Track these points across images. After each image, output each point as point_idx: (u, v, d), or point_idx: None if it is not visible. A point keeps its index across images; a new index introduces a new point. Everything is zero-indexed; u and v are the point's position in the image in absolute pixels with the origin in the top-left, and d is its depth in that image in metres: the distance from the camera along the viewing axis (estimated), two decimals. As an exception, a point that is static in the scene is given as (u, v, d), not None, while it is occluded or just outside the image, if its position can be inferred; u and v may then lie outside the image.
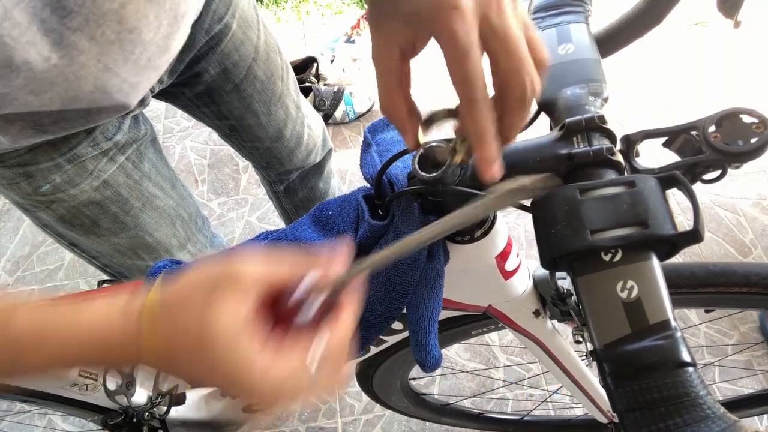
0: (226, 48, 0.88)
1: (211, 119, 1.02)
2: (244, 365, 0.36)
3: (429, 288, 0.51)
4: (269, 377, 0.36)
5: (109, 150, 0.77)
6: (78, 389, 0.90)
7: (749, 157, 0.42)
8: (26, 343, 0.37)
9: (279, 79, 1.00)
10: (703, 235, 0.38)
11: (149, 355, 0.37)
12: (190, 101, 0.96)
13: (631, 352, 0.38)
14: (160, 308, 0.37)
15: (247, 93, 0.96)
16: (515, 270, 0.61)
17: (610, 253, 0.40)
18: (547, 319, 0.73)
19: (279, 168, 1.17)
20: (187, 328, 0.36)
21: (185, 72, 0.87)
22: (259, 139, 1.06)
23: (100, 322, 0.38)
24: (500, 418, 1.34)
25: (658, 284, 0.39)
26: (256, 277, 0.38)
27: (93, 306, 0.38)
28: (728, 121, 0.43)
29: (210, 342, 0.35)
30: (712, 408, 0.34)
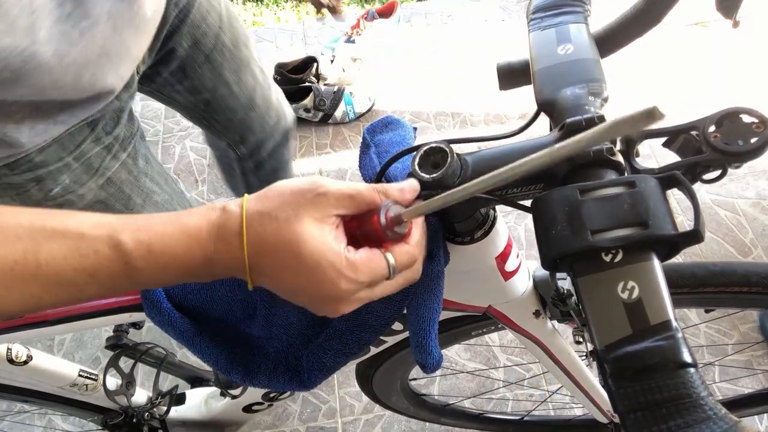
0: (194, 19, 0.91)
1: (185, 97, 1.03)
2: (332, 257, 0.41)
3: (429, 289, 0.51)
4: (355, 268, 0.42)
5: (111, 146, 0.79)
6: (78, 389, 0.90)
7: (749, 156, 0.42)
8: (139, 264, 0.41)
9: (243, 45, 1.03)
10: (704, 235, 0.38)
11: (246, 258, 0.42)
12: (165, 81, 0.97)
13: (632, 352, 0.37)
14: (257, 216, 0.42)
15: (217, 63, 0.98)
16: (515, 270, 0.61)
17: (610, 253, 0.40)
18: (547, 319, 0.73)
19: (252, 139, 1.17)
20: (280, 232, 0.41)
21: (161, 50, 0.90)
22: (233, 109, 1.07)
23: (202, 230, 0.42)
24: (500, 418, 1.34)
25: (659, 284, 0.39)
26: (340, 192, 0.43)
27: (193, 217, 0.43)
28: (728, 120, 0.43)
29: (301, 240, 0.41)
30: (713, 409, 0.34)
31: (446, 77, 2.22)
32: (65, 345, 1.70)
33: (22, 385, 0.86)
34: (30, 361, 0.82)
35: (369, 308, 0.54)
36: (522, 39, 1.65)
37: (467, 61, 2.26)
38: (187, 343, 0.61)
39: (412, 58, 2.27)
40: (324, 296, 0.43)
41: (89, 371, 0.92)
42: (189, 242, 0.42)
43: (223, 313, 0.61)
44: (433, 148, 0.45)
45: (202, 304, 0.61)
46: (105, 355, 1.66)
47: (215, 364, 0.61)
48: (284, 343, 0.61)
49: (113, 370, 0.83)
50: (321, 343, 0.58)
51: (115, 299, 0.66)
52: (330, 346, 0.58)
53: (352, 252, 0.43)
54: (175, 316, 0.60)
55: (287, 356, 0.62)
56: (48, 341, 1.70)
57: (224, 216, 0.43)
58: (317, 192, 0.43)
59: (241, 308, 0.61)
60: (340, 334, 0.56)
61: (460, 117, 2.09)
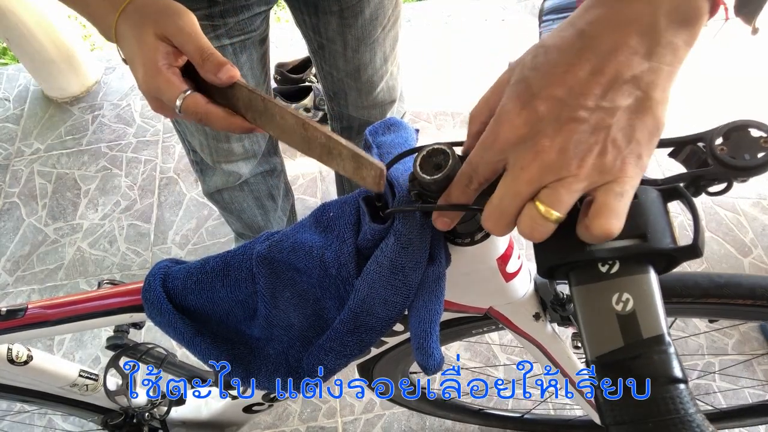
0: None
1: (307, 29, 1.08)
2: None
3: (431, 291, 0.51)
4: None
5: (217, 27, 0.86)
6: (78, 389, 0.90)
7: (755, 172, 0.41)
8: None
9: (380, 26, 1.06)
10: (703, 250, 0.38)
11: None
12: (297, 2, 1.03)
13: (622, 365, 0.37)
14: None
15: (347, 22, 1.01)
16: (516, 272, 0.61)
17: (607, 264, 0.39)
18: (547, 322, 0.73)
19: (342, 104, 1.24)
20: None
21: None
22: (337, 68, 1.13)
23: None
24: (500, 414, 1.35)
25: (653, 298, 0.39)
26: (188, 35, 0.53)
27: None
28: (736, 133, 0.42)
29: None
30: (701, 426, 0.34)
31: (446, 77, 2.22)
32: (65, 345, 1.70)
33: (23, 385, 0.86)
34: (30, 361, 0.82)
35: (370, 311, 0.53)
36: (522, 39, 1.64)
37: (467, 61, 2.26)
38: (188, 344, 0.61)
39: (412, 58, 2.27)
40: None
41: (90, 371, 0.92)
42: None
43: (224, 315, 0.61)
44: (435, 150, 0.45)
45: (202, 306, 0.61)
46: (105, 355, 1.66)
47: (215, 365, 0.61)
48: (285, 344, 0.61)
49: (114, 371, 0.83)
50: (322, 345, 0.58)
51: (116, 300, 0.66)
52: (331, 347, 0.57)
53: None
54: (176, 317, 0.60)
55: (288, 358, 0.61)
56: (48, 341, 1.70)
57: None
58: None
59: (241, 309, 0.61)
60: (340, 336, 0.56)
61: (460, 117, 2.09)
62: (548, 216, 0.37)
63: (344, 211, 0.56)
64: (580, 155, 0.36)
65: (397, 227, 0.49)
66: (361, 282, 0.53)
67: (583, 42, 0.36)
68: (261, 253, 0.57)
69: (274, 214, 1.45)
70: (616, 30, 0.35)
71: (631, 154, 0.36)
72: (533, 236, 0.38)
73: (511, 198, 0.38)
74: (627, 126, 0.36)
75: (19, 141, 2.19)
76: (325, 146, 0.45)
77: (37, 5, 1.99)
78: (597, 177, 0.36)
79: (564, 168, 0.36)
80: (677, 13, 0.35)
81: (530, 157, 0.37)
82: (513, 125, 0.37)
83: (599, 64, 0.35)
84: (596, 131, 0.36)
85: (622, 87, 0.35)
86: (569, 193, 0.36)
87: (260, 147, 1.22)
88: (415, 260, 0.49)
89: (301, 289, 0.58)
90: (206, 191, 1.33)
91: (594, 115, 0.35)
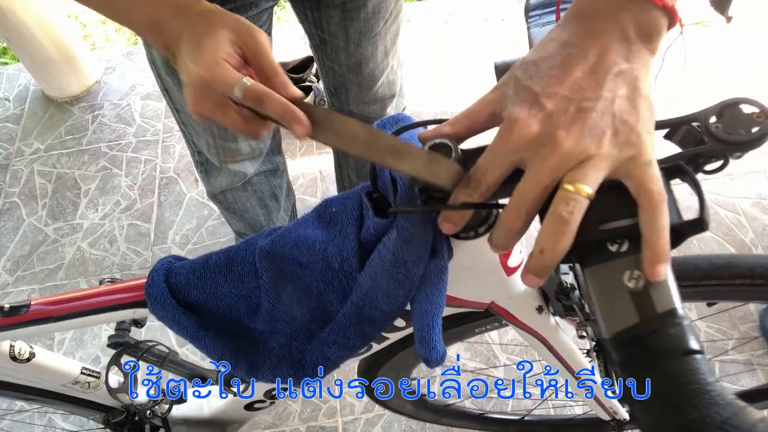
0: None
1: (309, 24, 1.09)
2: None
3: (433, 285, 0.51)
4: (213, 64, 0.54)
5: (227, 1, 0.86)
6: (80, 387, 0.90)
7: (751, 146, 0.42)
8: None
9: (383, 19, 1.07)
10: (709, 223, 0.39)
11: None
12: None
13: (639, 340, 0.38)
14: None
15: (349, 15, 1.02)
16: (518, 266, 0.61)
17: (616, 243, 0.40)
18: (549, 315, 0.73)
19: (343, 99, 1.24)
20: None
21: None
22: (339, 62, 1.14)
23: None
24: (501, 418, 1.34)
25: None
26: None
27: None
28: (729, 111, 0.43)
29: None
30: (720, 395, 0.35)
31: (446, 77, 2.23)
32: (65, 344, 1.70)
33: (25, 382, 0.86)
34: (33, 358, 0.82)
35: (373, 304, 0.54)
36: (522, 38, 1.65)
37: (467, 61, 2.26)
38: (192, 339, 0.61)
39: (412, 58, 2.28)
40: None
41: (92, 369, 0.92)
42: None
43: (227, 309, 0.62)
44: (437, 144, 0.45)
45: (205, 301, 0.61)
46: (105, 355, 1.67)
47: (220, 360, 0.62)
48: (288, 337, 0.62)
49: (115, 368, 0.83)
50: (325, 338, 0.58)
51: (119, 296, 0.66)
52: (334, 340, 0.58)
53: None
54: (179, 312, 0.60)
55: (291, 350, 0.62)
56: (48, 340, 1.70)
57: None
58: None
59: (244, 304, 0.61)
60: (343, 329, 0.56)
61: (460, 117, 2.09)
62: (579, 192, 0.38)
63: (347, 206, 0.56)
64: (597, 138, 0.38)
65: (400, 222, 0.49)
66: (364, 276, 0.53)
67: (568, 50, 0.41)
68: (264, 248, 0.58)
69: (277, 214, 1.45)
70: (595, 38, 0.41)
71: (642, 128, 0.39)
72: (571, 218, 0.39)
73: (532, 189, 0.40)
74: (630, 108, 0.39)
75: (19, 141, 2.20)
76: (394, 149, 0.45)
77: (37, 5, 2.00)
78: (618, 153, 0.39)
79: (584, 152, 0.38)
80: (641, 28, 0.41)
81: (549, 149, 0.39)
82: (525, 125, 0.40)
83: (591, 65, 0.40)
84: (604, 115, 0.39)
85: (615, 79, 0.40)
86: (595, 170, 0.39)
87: (265, 145, 1.22)
88: (417, 254, 0.49)
89: (304, 284, 0.58)
90: (210, 192, 1.33)
91: (598, 103, 0.39)
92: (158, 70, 1.01)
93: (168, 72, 0.98)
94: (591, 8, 0.42)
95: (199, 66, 0.52)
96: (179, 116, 1.13)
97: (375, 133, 0.47)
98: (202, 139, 1.13)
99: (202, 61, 0.52)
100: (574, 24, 0.43)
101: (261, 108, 0.52)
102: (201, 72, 0.52)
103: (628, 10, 0.41)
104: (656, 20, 0.41)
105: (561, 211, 0.39)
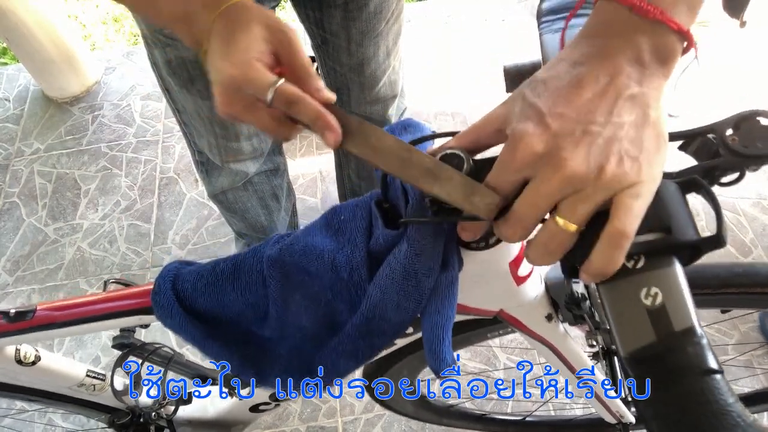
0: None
1: (310, 24, 1.09)
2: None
3: (444, 296, 0.51)
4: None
5: None
6: (86, 389, 0.90)
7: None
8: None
9: (384, 20, 1.06)
10: (726, 240, 0.38)
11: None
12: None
13: (656, 359, 0.38)
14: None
15: (351, 15, 1.02)
16: (528, 275, 0.61)
17: (633, 259, 0.40)
18: (559, 323, 0.73)
19: (345, 100, 1.24)
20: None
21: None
22: (341, 63, 1.14)
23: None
24: (502, 419, 1.35)
25: (681, 290, 0.39)
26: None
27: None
28: (746, 123, 0.43)
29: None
30: (741, 416, 0.34)
31: (446, 77, 2.22)
32: (65, 345, 1.70)
33: (30, 385, 0.86)
34: (38, 361, 0.82)
35: (382, 315, 0.53)
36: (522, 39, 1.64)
37: (467, 61, 2.26)
38: (199, 346, 0.61)
39: (412, 59, 2.27)
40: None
41: (97, 371, 0.92)
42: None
43: (235, 316, 0.61)
44: (449, 155, 0.45)
45: (213, 308, 0.61)
46: (105, 355, 1.66)
47: (227, 366, 0.62)
48: (297, 344, 0.61)
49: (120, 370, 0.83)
50: (334, 348, 0.58)
51: (125, 302, 0.66)
52: (343, 350, 0.58)
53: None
54: (186, 320, 0.60)
55: (300, 357, 0.62)
56: (48, 340, 1.70)
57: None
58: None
59: (252, 312, 0.61)
60: (353, 340, 0.56)
61: (460, 117, 2.09)
62: (567, 228, 0.39)
63: (356, 214, 0.56)
64: (598, 166, 0.38)
65: (411, 234, 0.49)
66: (374, 287, 0.53)
67: (579, 71, 0.40)
68: (272, 257, 0.57)
69: (277, 214, 1.45)
70: (608, 59, 0.40)
71: (644, 160, 0.38)
72: (555, 250, 0.40)
73: (529, 209, 0.40)
74: (636, 137, 0.38)
75: (19, 141, 2.19)
76: (430, 170, 0.44)
77: (37, 5, 1.99)
78: (616, 185, 0.38)
79: (583, 180, 0.38)
80: (657, 51, 0.40)
81: (551, 171, 0.38)
82: (529, 143, 0.39)
83: (602, 87, 0.39)
84: (610, 143, 0.38)
85: (625, 104, 0.39)
86: (588, 205, 0.38)
87: (267, 145, 1.22)
88: (428, 267, 0.49)
89: (313, 292, 0.58)
90: (211, 192, 1.33)
91: (605, 128, 0.38)
92: (159, 71, 1.01)
93: (169, 73, 0.98)
94: (605, 27, 0.41)
95: (232, 65, 0.50)
96: (180, 116, 1.13)
97: (411, 151, 0.46)
98: (203, 139, 1.13)
99: (235, 60, 0.50)
100: (586, 43, 0.42)
101: (293, 113, 0.50)
102: (233, 72, 0.50)
103: (644, 32, 0.40)
104: (672, 44, 0.40)
105: (546, 242, 0.40)
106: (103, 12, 2.81)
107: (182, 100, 1.05)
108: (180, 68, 0.95)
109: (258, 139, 1.17)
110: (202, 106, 1.03)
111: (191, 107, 1.06)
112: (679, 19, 0.40)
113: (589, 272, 0.40)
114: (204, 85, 0.97)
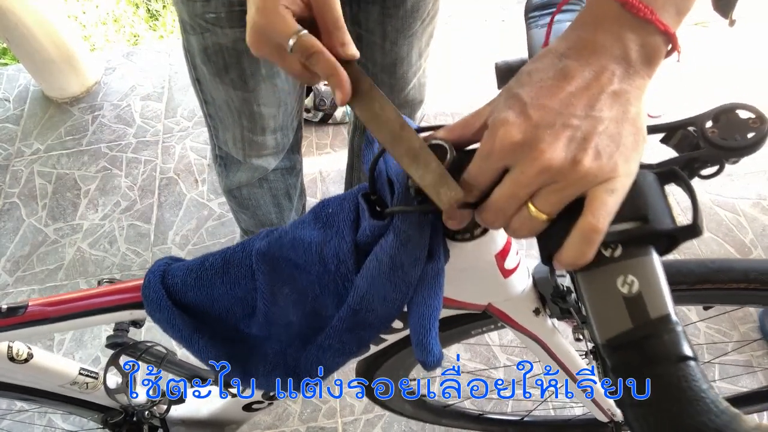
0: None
1: (345, 20, 1.06)
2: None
3: (429, 287, 0.51)
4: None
5: None
6: (78, 388, 0.90)
7: (746, 152, 0.42)
8: None
9: (420, 19, 1.06)
10: (702, 229, 0.39)
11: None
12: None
13: (632, 346, 0.38)
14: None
15: (388, 12, 1.02)
16: (515, 268, 0.61)
17: (610, 248, 0.40)
18: (546, 317, 0.73)
19: None
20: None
21: None
22: (374, 61, 1.12)
23: None
24: (500, 418, 1.34)
25: (658, 279, 0.39)
26: None
27: None
28: (725, 116, 0.43)
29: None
30: (714, 402, 0.34)
31: (446, 77, 2.22)
32: (65, 345, 1.70)
33: (23, 383, 0.86)
34: (31, 359, 0.82)
35: (369, 307, 0.53)
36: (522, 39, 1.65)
37: (467, 61, 2.26)
38: (185, 342, 0.61)
39: (412, 59, 2.27)
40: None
41: (90, 369, 0.92)
42: None
43: (223, 312, 0.61)
44: (434, 145, 0.45)
45: (201, 302, 0.61)
46: (105, 355, 1.67)
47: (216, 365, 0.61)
48: (283, 343, 0.61)
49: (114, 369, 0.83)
50: (320, 344, 0.58)
51: (116, 297, 0.66)
52: (329, 345, 0.57)
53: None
54: (174, 314, 0.60)
55: (286, 357, 0.62)
56: (48, 341, 1.71)
57: None
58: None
59: (240, 307, 0.61)
60: (339, 334, 0.56)
61: (460, 117, 2.09)
62: (538, 217, 0.40)
63: (343, 207, 0.56)
64: (575, 159, 0.38)
65: (397, 224, 0.49)
66: (361, 279, 0.53)
67: (565, 63, 0.41)
68: (261, 250, 0.58)
69: (288, 213, 1.45)
70: (594, 55, 0.40)
71: (621, 156, 0.39)
72: (520, 233, 0.42)
73: (507, 198, 0.41)
74: (615, 132, 0.39)
75: (19, 141, 2.20)
76: (414, 152, 0.46)
77: (37, 5, 2.00)
78: (591, 179, 0.38)
79: (559, 172, 0.38)
80: (643, 50, 0.41)
81: (529, 162, 0.39)
82: (508, 131, 0.40)
83: (586, 82, 0.40)
84: (589, 137, 0.39)
85: (607, 100, 0.39)
86: (561, 197, 0.39)
87: (288, 141, 1.22)
88: (414, 256, 0.49)
89: (301, 286, 0.58)
90: (226, 187, 1.33)
91: (585, 122, 0.39)
92: (193, 59, 1.01)
93: (204, 60, 0.98)
94: (595, 21, 0.42)
95: (258, 11, 0.52)
96: (207, 108, 1.13)
97: (405, 128, 0.47)
98: (228, 132, 1.13)
99: (263, 6, 0.52)
100: (575, 36, 0.42)
101: (310, 64, 0.52)
102: (258, 18, 0.52)
103: (633, 30, 0.40)
104: (657, 45, 0.41)
105: (518, 227, 0.42)
106: (103, 12, 2.82)
107: (213, 90, 1.05)
108: (216, 55, 0.95)
109: (282, 134, 1.17)
110: (233, 97, 1.03)
111: (222, 98, 1.05)
112: (666, 21, 0.40)
113: (561, 262, 0.40)
114: (237, 74, 0.98)
